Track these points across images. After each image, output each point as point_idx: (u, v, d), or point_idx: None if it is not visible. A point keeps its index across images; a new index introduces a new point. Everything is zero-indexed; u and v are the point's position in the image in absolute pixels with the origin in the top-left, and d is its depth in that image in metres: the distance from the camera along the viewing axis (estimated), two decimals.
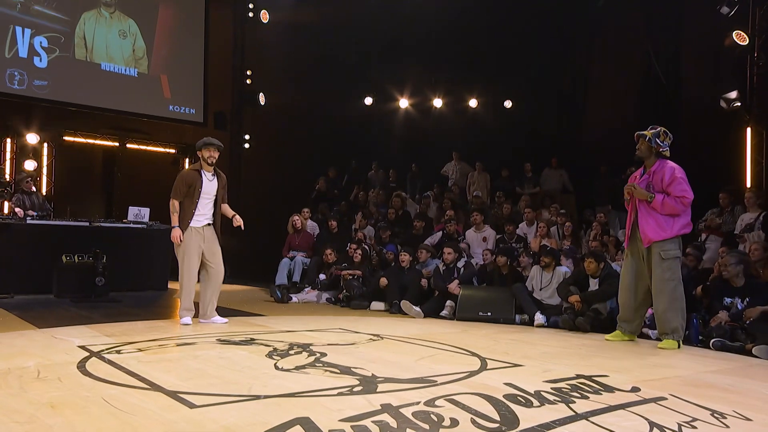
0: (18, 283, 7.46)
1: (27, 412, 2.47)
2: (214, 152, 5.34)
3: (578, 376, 3.32)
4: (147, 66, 11.46)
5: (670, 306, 4.56)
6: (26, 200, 8.12)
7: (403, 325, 5.76)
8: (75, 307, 6.65)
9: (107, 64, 11.00)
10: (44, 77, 10.25)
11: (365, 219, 9.33)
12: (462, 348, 4.25)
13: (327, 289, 7.92)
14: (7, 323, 5.24)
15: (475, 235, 7.87)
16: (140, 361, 3.57)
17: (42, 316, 5.68)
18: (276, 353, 3.84)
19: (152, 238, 8.56)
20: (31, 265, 7.61)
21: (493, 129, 10.69)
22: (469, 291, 6.41)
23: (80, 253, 7.60)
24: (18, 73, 10.02)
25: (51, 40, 10.36)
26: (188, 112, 11.86)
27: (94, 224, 8.21)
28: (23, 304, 6.60)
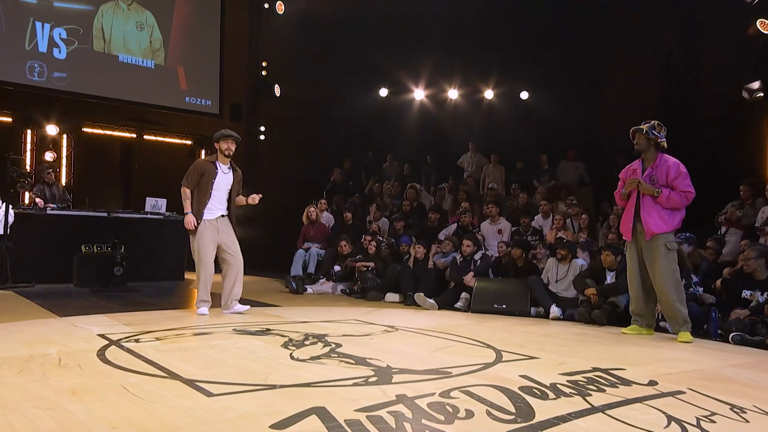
0: (39, 273, 7.58)
1: (49, 398, 2.52)
2: (231, 144, 5.35)
3: (594, 369, 3.30)
4: (164, 58, 11.54)
5: (678, 297, 4.62)
6: (46, 191, 8.23)
7: (418, 316, 5.77)
8: (94, 296, 6.75)
9: (125, 56, 11.09)
10: (63, 69, 10.37)
11: (380, 211, 9.32)
12: (477, 340, 4.24)
13: (342, 281, 7.94)
14: (29, 311, 5.33)
15: (491, 227, 7.83)
16: (158, 349, 3.61)
17: (62, 305, 5.76)
18: (291, 343, 3.87)
19: (169, 228, 8.64)
20: (51, 254, 7.73)
21: (508, 120, 10.60)
22: (484, 283, 6.39)
23: (99, 243, 7.70)
24: (38, 65, 10.14)
25: (70, 33, 10.47)
26: (204, 104, 11.93)
27: (112, 215, 8.31)
28: (44, 293, 6.71)
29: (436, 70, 11.36)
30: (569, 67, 10.13)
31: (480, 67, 10.96)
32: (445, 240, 7.35)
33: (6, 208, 7.16)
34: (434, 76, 11.47)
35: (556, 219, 7.42)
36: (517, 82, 10.63)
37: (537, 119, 10.25)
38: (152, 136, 12.26)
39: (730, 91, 7.95)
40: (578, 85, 10.10)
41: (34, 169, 10.51)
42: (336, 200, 10.36)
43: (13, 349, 3.55)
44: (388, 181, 11.11)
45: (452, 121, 11.55)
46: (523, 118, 10.52)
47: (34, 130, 10.91)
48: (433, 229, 8.39)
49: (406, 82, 11.64)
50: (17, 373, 2.92)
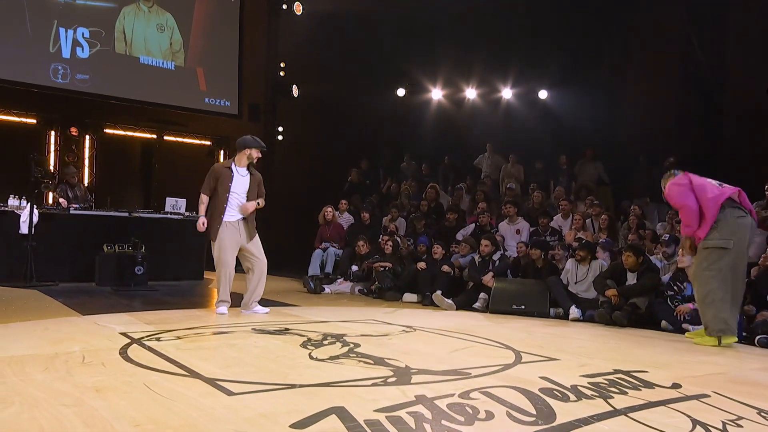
0: (62, 271, 7.69)
1: (74, 395, 2.56)
2: (260, 153, 5.46)
3: (616, 371, 3.26)
4: (183, 59, 11.65)
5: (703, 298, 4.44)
6: (69, 191, 8.36)
7: (436, 317, 5.76)
8: (115, 294, 6.85)
9: (146, 58, 11.22)
10: (86, 71, 10.52)
11: (397, 211, 9.32)
12: (496, 341, 4.22)
13: (359, 281, 7.95)
14: (53, 310, 5.43)
15: (509, 228, 7.78)
16: (179, 348, 3.65)
17: (85, 304, 5.86)
18: (310, 343, 3.89)
19: (189, 228, 8.66)
20: (73, 254, 7.84)
21: (527, 120, 10.53)
22: (503, 284, 6.36)
23: (120, 242, 7.80)
24: (61, 67, 10.31)
25: (92, 35, 10.62)
26: (223, 105, 12.02)
27: (133, 215, 8.40)
28: (67, 292, 6.82)
29: (454, 69, 11.32)
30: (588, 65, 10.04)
31: (498, 66, 10.90)
32: (463, 242, 7.31)
33: (30, 208, 7.29)
34: (452, 76, 11.43)
35: (576, 219, 7.35)
36: (535, 81, 10.55)
37: (556, 118, 10.17)
38: (172, 136, 12.38)
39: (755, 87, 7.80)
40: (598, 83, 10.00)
41: (57, 170, 10.69)
42: (353, 200, 10.37)
43: (39, 347, 3.62)
44: (406, 181, 11.10)
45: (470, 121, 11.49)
46: (541, 117, 10.44)
47: (58, 131, 11.09)
48: (450, 229, 8.36)
49: (423, 82, 11.62)
50: (42, 371, 2.97)
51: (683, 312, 5.09)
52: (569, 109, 9.75)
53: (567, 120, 9.88)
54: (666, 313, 5.25)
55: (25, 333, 4.11)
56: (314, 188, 11.58)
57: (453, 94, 11.62)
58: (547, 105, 10.55)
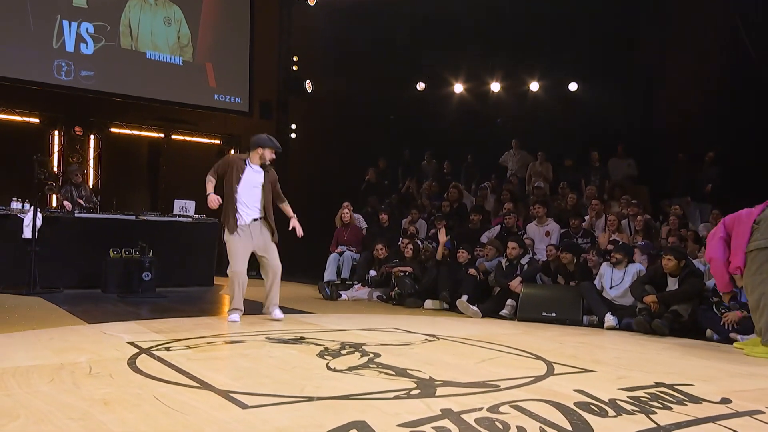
0: (66, 278, 7.79)
1: (80, 408, 2.58)
2: (273, 154, 5.52)
3: (658, 384, 3.21)
4: (192, 54, 11.76)
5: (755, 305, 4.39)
6: (74, 192, 8.48)
7: (460, 325, 5.74)
8: (122, 302, 6.92)
9: (152, 53, 11.35)
10: (90, 67, 10.66)
11: (417, 212, 9.30)
12: (525, 351, 4.20)
13: (378, 286, 7.95)
14: (58, 318, 5.50)
15: (537, 229, 7.73)
16: (189, 358, 3.68)
17: (91, 311, 5.93)
18: (327, 353, 3.90)
19: (198, 232, 8.78)
20: (78, 259, 7.93)
21: (556, 114, 10.43)
22: (531, 289, 6.32)
23: (126, 247, 7.88)
24: (65, 63, 10.46)
25: (97, 29, 10.76)
26: (234, 101, 12.10)
27: (140, 217, 8.49)
28: (72, 299, 6.90)
29: (477, 61, 11.25)
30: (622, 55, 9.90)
31: (524, 57, 10.82)
32: (488, 245, 7.27)
33: (34, 211, 7.38)
34: (475, 68, 11.37)
35: (610, 220, 7.27)
36: (564, 72, 10.44)
37: (587, 112, 10.06)
38: (180, 135, 12.50)
39: None
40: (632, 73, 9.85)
41: (61, 171, 10.85)
42: (371, 201, 10.38)
43: (44, 357, 3.66)
44: (426, 180, 11.07)
45: (495, 116, 11.43)
46: (571, 111, 10.33)
47: (62, 130, 11.26)
48: (475, 231, 8.32)
49: (444, 75, 11.57)
50: (48, 382, 3.01)
51: (731, 320, 5.00)
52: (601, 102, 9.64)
53: (599, 114, 9.77)
54: (711, 321, 5.17)
55: (29, 342, 4.17)
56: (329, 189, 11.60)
57: (476, 88, 11.56)
58: (578, 98, 10.43)
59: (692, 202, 8.17)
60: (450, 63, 11.45)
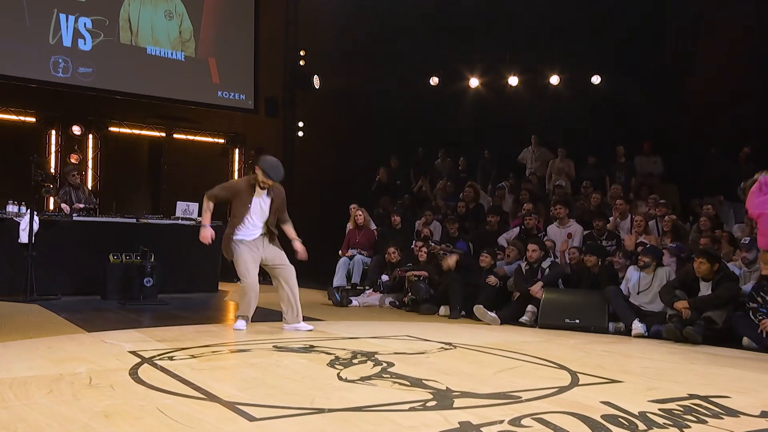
0: (64, 284, 7.85)
1: (80, 420, 2.59)
2: (269, 182, 5.35)
3: (692, 396, 3.18)
4: (194, 49, 11.82)
5: None
6: (72, 194, 8.54)
7: (478, 332, 5.73)
8: (123, 309, 6.97)
9: (153, 48, 11.42)
10: (88, 63, 10.75)
11: (431, 213, 9.29)
12: (548, 360, 4.19)
13: (390, 292, 7.96)
14: (56, 326, 5.53)
15: (559, 231, 7.68)
16: (194, 368, 3.70)
17: (90, 319, 5.97)
18: (338, 362, 3.91)
19: None
20: (77, 264, 8.00)
21: (578, 109, 10.37)
22: (553, 294, 6.29)
23: (127, 251, 7.93)
24: (62, 60, 10.55)
25: (95, 24, 10.85)
26: (238, 98, 12.15)
27: (140, 220, 8.54)
28: (70, 306, 6.96)
29: (494, 53, 11.22)
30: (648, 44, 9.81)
31: (544, 49, 10.77)
32: (510, 246, 7.24)
33: (30, 214, 7.44)
34: (491, 61, 11.33)
35: (637, 221, 7.22)
36: (587, 64, 10.38)
37: (611, 106, 9.99)
38: (182, 134, 12.57)
39: None
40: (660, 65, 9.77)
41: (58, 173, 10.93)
42: (382, 202, 10.38)
43: (41, 367, 3.69)
44: (441, 180, 11.04)
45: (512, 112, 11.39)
46: (594, 105, 10.27)
47: (59, 130, 11.35)
48: (492, 233, 8.29)
49: (459, 69, 11.54)
50: (46, 394, 3.02)
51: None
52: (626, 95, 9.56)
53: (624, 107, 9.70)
54: (748, 328, 5.10)
55: (26, 352, 4.20)
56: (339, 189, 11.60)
57: (493, 82, 11.51)
58: (601, 91, 10.36)
59: (725, 201, 8.07)
60: (465, 56, 11.42)
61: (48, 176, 8.23)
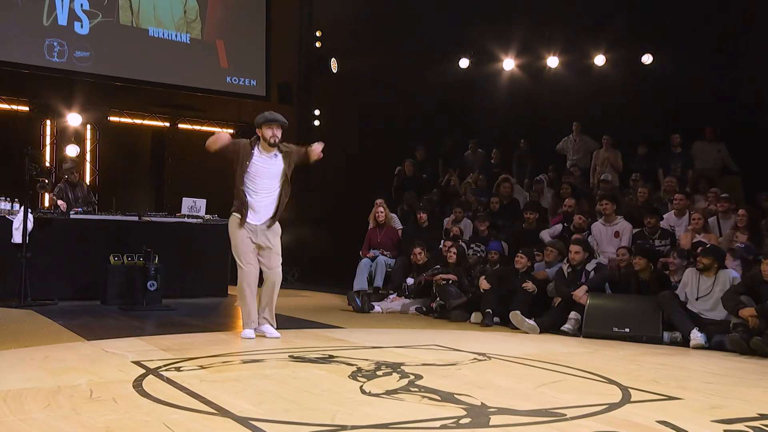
0: (61, 288, 7.96)
1: None
2: (276, 130, 5.38)
3: (762, 416, 3.14)
4: (200, 30, 11.90)
5: None
6: (69, 192, 8.64)
7: (515, 341, 5.73)
8: (125, 315, 7.06)
9: (155, 29, 11.52)
10: (86, 47, 10.86)
11: (461, 210, 9.27)
12: (594, 373, 4.17)
13: (416, 297, 7.97)
14: (53, 334, 5.62)
15: (605, 229, 7.62)
16: (203, 380, 3.73)
17: (89, 326, 6.05)
18: (361, 374, 3.93)
19: (210, 234, 8.88)
20: (74, 266, 8.12)
21: (626, 92, 10.25)
22: (600, 300, 6.24)
23: (129, 252, 8.02)
24: (57, 43, 10.67)
25: (92, 4, 10.96)
26: (248, 84, 12.22)
27: (143, 218, 8.63)
28: (68, 312, 7.06)
29: (531, 32, 11.14)
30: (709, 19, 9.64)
31: (588, 26, 10.66)
32: (549, 247, 7.18)
33: (24, 212, 7.54)
34: (528, 40, 11.25)
35: (694, 218, 7.12)
36: (637, 42, 10.26)
37: (664, 88, 9.86)
38: (187, 124, 12.69)
39: None
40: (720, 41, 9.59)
41: (54, 166, 11.09)
42: (407, 198, 10.38)
43: (38, 378, 3.74)
44: (472, 173, 11.01)
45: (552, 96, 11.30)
46: (645, 88, 10.15)
47: (54, 120, 11.51)
48: (530, 232, 8.26)
49: (492, 49, 11.49)
50: (44, 408, 3.06)
51: None
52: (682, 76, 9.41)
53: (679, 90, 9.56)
54: None
55: (21, 362, 4.26)
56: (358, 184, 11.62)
57: (530, 63, 11.44)
58: (653, 72, 10.22)
59: None
60: (498, 35, 11.35)
61: (43, 170, 8.35)
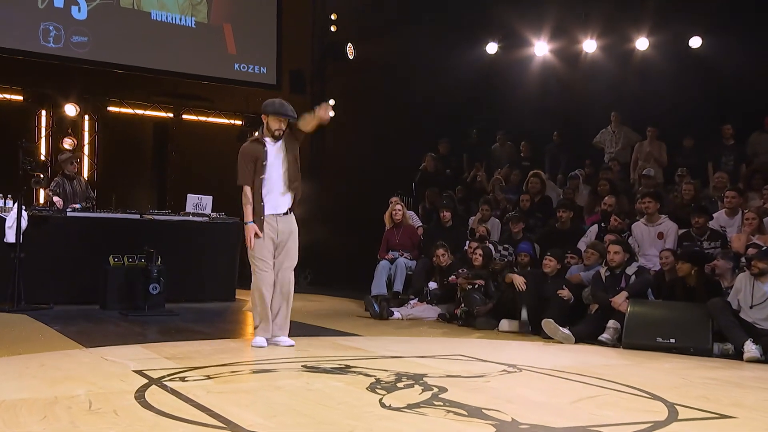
0: (57, 291, 8.06)
1: None
2: (283, 124, 5.43)
3: None
4: (207, 13, 11.96)
5: None
6: (67, 186, 8.72)
7: (548, 352, 5.73)
8: (126, 320, 7.11)
9: (158, 13, 11.59)
10: (84, 32, 10.94)
11: (489, 208, 9.25)
12: (636, 388, 4.13)
13: (439, 302, 7.96)
14: (49, 341, 5.67)
15: (647, 230, 7.56)
16: (210, 391, 3.74)
17: (88, 332, 6.11)
18: (380, 385, 3.93)
19: (217, 234, 8.93)
20: (72, 268, 8.19)
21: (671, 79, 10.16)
22: (642, 307, 6.18)
23: (130, 253, 8.07)
24: (53, 27, 10.75)
25: None
26: (258, 72, 12.26)
27: (145, 216, 8.69)
28: (64, 317, 7.12)
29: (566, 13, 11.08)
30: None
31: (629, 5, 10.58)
32: (589, 249, 7.13)
33: (18, 209, 7.61)
34: (563, 23, 11.20)
35: (748, 217, 7.04)
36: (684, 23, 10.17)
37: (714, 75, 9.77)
38: (192, 115, 12.77)
39: None
40: None
41: (50, 160, 11.18)
42: (429, 195, 10.38)
43: (34, 388, 3.77)
44: (500, 168, 10.98)
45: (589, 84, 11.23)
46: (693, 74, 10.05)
47: (50, 110, 11.62)
48: (563, 233, 8.21)
49: (523, 33, 11.44)
50: (40, 420, 3.08)
51: None
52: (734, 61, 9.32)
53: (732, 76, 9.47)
54: None
55: (15, 371, 4.30)
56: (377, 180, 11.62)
57: (565, 48, 11.37)
58: (702, 57, 10.13)
59: None
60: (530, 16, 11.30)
61: (38, 164, 8.40)
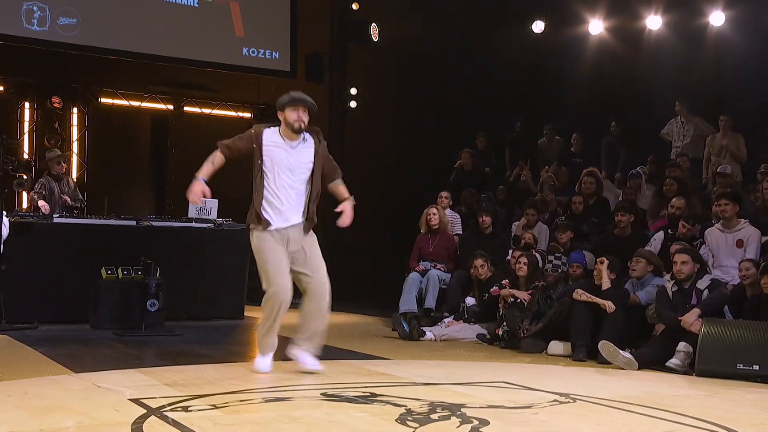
0: (42, 308, 8.08)
1: None
2: (303, 114, 5.38)
3: None
4: None
5: None
6: (54, 188, 8.79)
7: (605, 379, 5.69)
8: (120, 342, 7.13)
9: None
10: (72, 12, 11.04)
11: (535, 212, 9.21)
12: (713, 422, 4.10)
13: (478, 320, 7.94)
14: (33, 365, 5.70)
15: (724, 237, 7.49)
16: (217, 423, 3.75)
17: (77, 355, 6.13)
18: (411, 417, 3.92)
19: (223, 242, 8.97)
20: (59, 281, 8.25)
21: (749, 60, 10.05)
22: (718, 328, 6.10)
23: (125, 264, 8.12)
24: (37, 7, 10.85)
25: None
26: (269, 57, 12.30)
27: (142, 223, 8.74)
28: (51, 338, 7.16)
29: None
30: None
31: None
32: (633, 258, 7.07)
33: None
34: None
35: None
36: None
37: None
38: (195, 107, 12.86)
39: None
40: None
41: (34, 158, 11.30)
42: (465, 197, 10.36)
43: (18, 420, 3.80)
44: (547, 166, 10.95)
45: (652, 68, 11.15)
46: None
47: (34, 101, 11.74)
48: (623, 240, 8.15)
49: (574, 8, 11.39)
50: None
51: None
52: None
53: None
54: None
55: None
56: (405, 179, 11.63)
57: (624, 25, 11.30)
58: None
59: None
60: None
61: (21, 164, 8.50)
